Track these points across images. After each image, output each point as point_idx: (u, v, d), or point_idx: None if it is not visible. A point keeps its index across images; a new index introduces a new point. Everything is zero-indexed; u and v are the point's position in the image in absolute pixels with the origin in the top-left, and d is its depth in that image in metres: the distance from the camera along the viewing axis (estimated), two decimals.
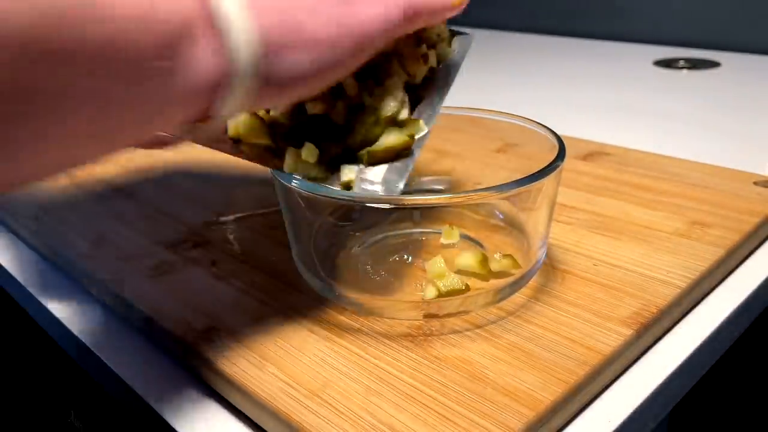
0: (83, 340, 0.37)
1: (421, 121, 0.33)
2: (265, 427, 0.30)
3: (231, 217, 0.47)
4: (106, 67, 0.19)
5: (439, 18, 0.31)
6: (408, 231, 0.42)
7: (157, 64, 0.21)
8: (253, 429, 0.30)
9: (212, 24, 0.22)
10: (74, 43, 0.18)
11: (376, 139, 0.32)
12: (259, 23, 0.23)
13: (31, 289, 0.43)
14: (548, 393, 0.28)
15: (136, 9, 0.20)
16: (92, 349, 0.37)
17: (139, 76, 0.20)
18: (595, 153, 0.56)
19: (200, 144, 0.35)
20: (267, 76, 0.24)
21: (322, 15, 0.25)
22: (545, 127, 0.38)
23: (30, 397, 0.63)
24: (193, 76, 0.22)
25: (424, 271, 0.35)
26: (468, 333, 0.33)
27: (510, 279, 0.35)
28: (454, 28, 0.38)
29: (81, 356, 0.38)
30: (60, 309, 0.41)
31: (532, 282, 0.36)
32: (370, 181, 0.31)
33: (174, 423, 0.31)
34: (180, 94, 0.22)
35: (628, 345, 0.32)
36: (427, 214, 0.42)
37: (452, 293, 0.33)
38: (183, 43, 0.21)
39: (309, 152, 0.31)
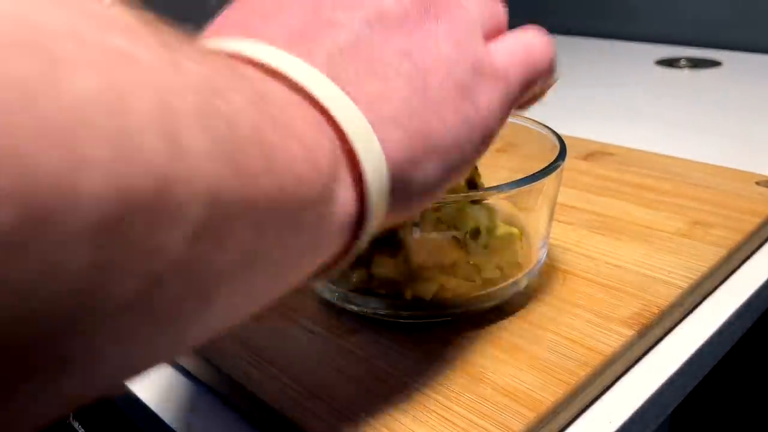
0: None
1: None
2: (264, 429, 0.30)
3: None
4: (278, 224, 0.17)
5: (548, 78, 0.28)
6: None
7: (319, 210, 0.19)
8: (252, 430, 0.30)
9: (352, 161, 0.20)
10: (258, 205, 0.16)
11: None
12: (390, 146, 0.21)
13: None
14: (549, 394, 0.28)
15: (300, 153, 0.18)
16: None
17: (299, 225, 0.18)
18: (596, 153, 0.56)
19: None
20: (401, 194, 0.22)
21: (449, 117, 0.22)
22: (546, 126, 0.38)
23: None
24: (340, 215, 0.20)
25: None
26: (468, 333, 0.32)
27: (510, 279, 0.34)
28: None
29: None
30: None
31: (533, 282, 0.36)
32: None
33: (172, 424, 0.30)
34: (330, 235, 0.20)
35: (629, 345, 0.32)
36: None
37: (453, 293, 0.33)
38: (335, 184, 0.19)
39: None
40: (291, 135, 0.17)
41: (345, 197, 0.20)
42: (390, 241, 0.33)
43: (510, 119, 0.40)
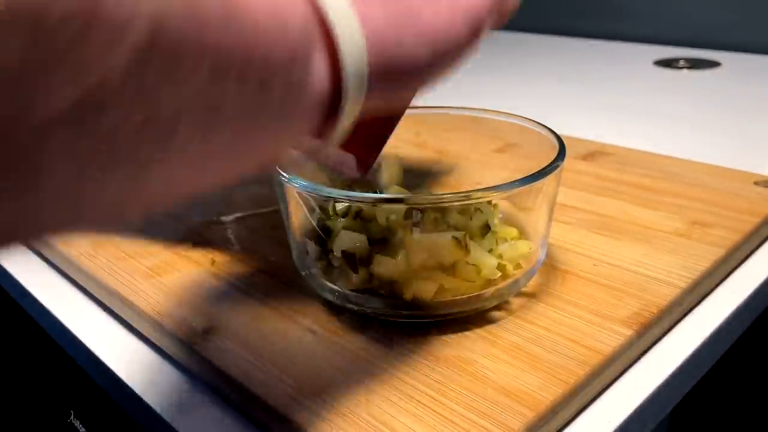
0: (82, 340, 0.37)
1: None
2: (265, 428, 0.30)
3: (231, 217, 0.47)
4: (239, 76, 0.17)
5: None
6: None
7: (287, 75, 0.19)
8: (253, 429, 0.30)
9: (326, 32, 0.20)
10: (212, 46, 0.16)
11: None
12: (370, 21, 0.21)
13: (30, 289, 0.43)
14: (548, 393, 0.28)
15: (271, 14, 0.18)
16: (91, 348, 0.37)
17: (265, 86, 0.18)
18: (595, 153, 0.56)
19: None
20: (383, 75, 0.21)
21: (437, 2, 0.23)
22: (545, 126, 0.38)
23: (30, 397, 0.63)
24: (313, 88, 0.20)
25: None
26: (468, 333, 0.33)
27: (510, 279, 0.35)
28: None
29: (80, 356, 0.38)
30: (59, 309, 0.41)
31: (533, 282, 0.36)
32: None
33: (174, 423, 0.31)
34: (304, 106, 0.20)
35: (628, 345, 0.32)
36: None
37: (453, 293, 0.33)
38: (308, 54, 0.19)
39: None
40: None
41: (319, 70, 0.19)
42: (390, 241, 0.33)
43: (510, 119, 0.40)
